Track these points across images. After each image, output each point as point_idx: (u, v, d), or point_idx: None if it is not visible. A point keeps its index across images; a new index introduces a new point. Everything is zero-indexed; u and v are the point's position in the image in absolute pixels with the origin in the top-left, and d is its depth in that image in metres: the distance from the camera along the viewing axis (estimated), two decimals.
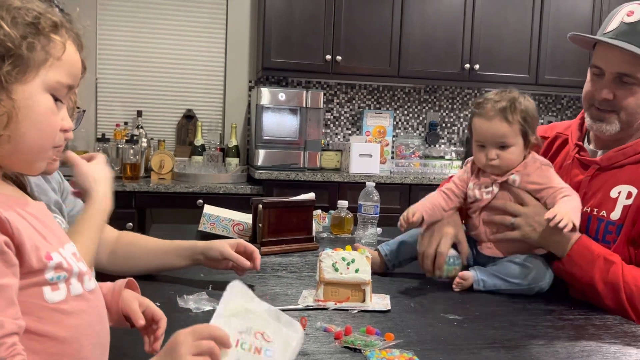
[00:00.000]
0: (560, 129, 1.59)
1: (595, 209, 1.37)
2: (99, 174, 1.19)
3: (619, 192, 1.34)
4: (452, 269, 1.42)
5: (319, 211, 2.22)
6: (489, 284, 1.38)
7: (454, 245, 1.44)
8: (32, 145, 0.74)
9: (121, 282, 0.93)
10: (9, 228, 0.68)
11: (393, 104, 4.04)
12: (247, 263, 1.32)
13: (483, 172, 1.48)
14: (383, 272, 1.52)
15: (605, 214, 1.35)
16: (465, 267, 1.44)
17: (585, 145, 1.49)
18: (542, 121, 4.20)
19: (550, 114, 4.20)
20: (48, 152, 0.76)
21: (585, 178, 1.42)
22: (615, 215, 1.33)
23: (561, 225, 1.26)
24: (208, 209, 1.93)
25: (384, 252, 1.54)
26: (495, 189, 1.44)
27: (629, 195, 1.32)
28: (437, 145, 4.05)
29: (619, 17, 1.33)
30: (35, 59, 0.72)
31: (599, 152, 1.45)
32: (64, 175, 1.37)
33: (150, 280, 1.37)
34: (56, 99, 0.75)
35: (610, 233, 1.33)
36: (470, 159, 1.53)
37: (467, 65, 3.68)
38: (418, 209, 1.46)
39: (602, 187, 1.38)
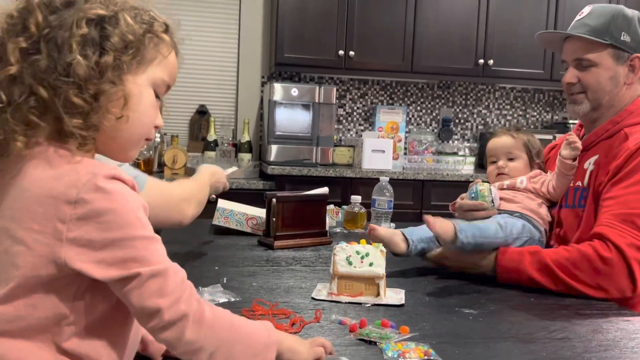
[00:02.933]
0: (573, 131, 1.75)
1: (575, 182, 1.55)
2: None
3: (589, 162, 1.52)
4: (479, 187, 1.56)
5: (332, 206, 2.21)
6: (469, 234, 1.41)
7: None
8: (134, 133, 0.81)
9: None
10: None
11: (406, 99, 4.02)
12: None
13: None
14: (403, 253, 1.49)
15: (580, 184, 1.53)
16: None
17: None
18: (556, 117, 4.17)
19: (564, 110, 4.16)
20: (141, 143, 0.83)
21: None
22: (585, 182, 1.51)
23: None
24: (222, 203, 1.93)
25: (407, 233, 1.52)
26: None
27: (594, 163, 1.51)
28: (450, 142, 4.03)
29: (573, 21, 1.58)
30: (148, 54, 0.81)
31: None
32: None
33: None
34: (156, 96, 0.83)
35: (584, 198, 1.50)
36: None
37: (481, 61, 3.65)
38: None
39: (580, 166, 1.55)
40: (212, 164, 1.75)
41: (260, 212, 1.97)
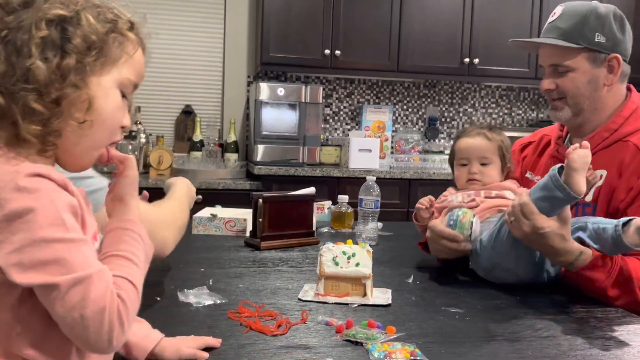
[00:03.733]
0: (546, 132, 1.73)
1: None
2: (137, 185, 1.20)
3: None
4: (460, 214, 1.40)
5: (325, 202, 2.22)
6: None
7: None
8: (99, 136, 0.77)
9: None
10: (75, 195, 0.72)
11: (392, 98, 4.03)
12: None
13: None
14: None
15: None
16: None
17: (566, 143, 1.59)
18: (541, 115, 4.20)
19: (549, 108, 4.19)
20: (103, 149, 0.80)
21: None
22: (588, 197, 1.43)
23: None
24: (199, 213, 1.95)
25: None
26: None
27: (600, 177, 1.41)
28: (436, 140, 4.04)
29: (546, 23, 1.53)
30: (113, 54, 0.77)
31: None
32: None
33: (148, 274, 1.36)
34: (122, 96, 0.79)
35: (587, 214, 1.43)
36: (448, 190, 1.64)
37: (467, 60, 3.67)
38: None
39: None
40: (183, 177, 1.52)
41: (239, 214, 1.97)
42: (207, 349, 0.94)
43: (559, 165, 1.24)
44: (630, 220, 1.17)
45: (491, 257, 1.38)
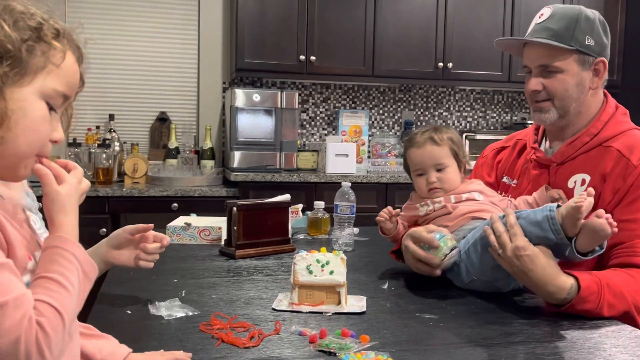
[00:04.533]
0: (520, 136, 1.71)
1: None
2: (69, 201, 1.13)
3: (575, 182, 1.45)
4: (443, 247, 1.35)
5: (298, 205, 2.20)
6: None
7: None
8: (19, 150, 0.72)
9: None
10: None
11: (368, 103, 4.04)
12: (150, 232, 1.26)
13: None
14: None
15: None
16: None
17: (544, 146, 1.58)
18: (515, 118, 4.25)
19: (523, 110, 4.25)
20: (30, 160, 0.75)
21: (544, 176, 1.51)
22: None
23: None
24: (173, 222, 1.93)
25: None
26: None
27: (583, 182, 1.43)
28: (404, 139, 4.05)
29: (533, 22, 1.51)
30: (33, 63, 0.72)
31: (554, 149, 1.54)
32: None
33: (120, 286, 1.34)
34: (50, 108, 0.75)
35: None
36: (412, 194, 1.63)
37: (441, 64, 3.69)
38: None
39: (560, 181, 1.47)
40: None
41: (214, 222, 1.95)
42: None
43: (556, 204, 1.23)
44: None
45: (469, 272, 1.37)
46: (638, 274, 1.27)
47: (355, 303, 1.26)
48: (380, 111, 4.07)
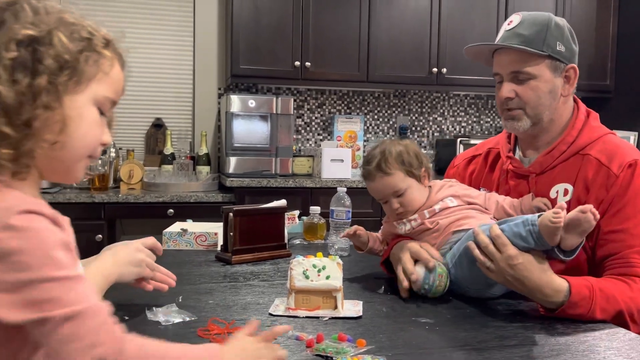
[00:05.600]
0: (491, 144, 1.67)
1: None
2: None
3: (557, 192, 1.43)
4: (435, 285, 1.33)
5: (295, 212, 2.21)
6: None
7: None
8: (76, 154, 0.77)
9: None
10: (65, 230, 0.73)
11: (363, 108, 4.05)
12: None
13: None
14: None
15: None
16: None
17: (517, 155, 1.56)
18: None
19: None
20: (84, 162, 0.80)
21: (523, 186, 1.49)
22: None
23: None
24: (170, 228, 1.94)
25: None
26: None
27: (566, 192, 1.42)
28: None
29: (502, 29, 1.49)
30: (87, 72, 0.77)
31: (529, 158, 1.52)
32: None
33: (116, 291, 1.34)
34: (101, 113, 0.80)
35: None
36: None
37: (435, 69, 3.72)
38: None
39: (541, 192, 1.45)
40: (115, 244, 1.29)
41: (210, 228, 1.95)
42: None
43: (537, 215, 1.21)
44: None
45: (461, 285, 1.37)
46: (633, 282, 1.27)
47: (352, 308, 1.26)
48: (375, 116, 4.08)
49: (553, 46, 1.42)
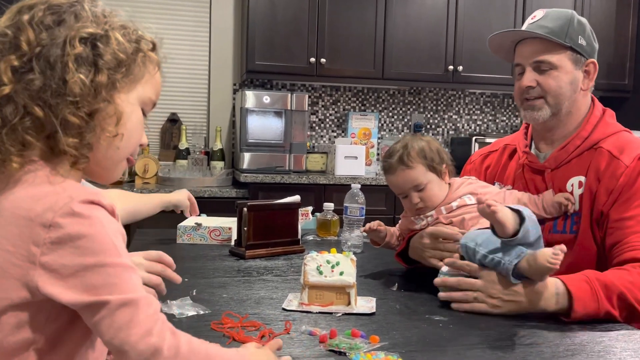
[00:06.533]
0: (508, 141, 1.70)
1: None
2: None
3: (572, 185, 1.45)
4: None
5: (308, 208, 2.21)
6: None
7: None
8: (123, 151, 0.81)
9: None
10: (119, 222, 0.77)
11: (378, 105, 4.04)
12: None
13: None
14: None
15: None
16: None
17: (533, 151, 1.57)
18: None
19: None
20: (124, 162, 0.83)
21: (539, 181, 1.51)
22: (575, 206, 1.44)
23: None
24: (184, 222, 1.95)
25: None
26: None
27: (580, 184, 1.44)
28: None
29: (526, 23, 1.52)
30: (137, 72, 0.81)
31: (545, 154, 1.53)
32: None
33: None
34: (143, 113, 0.84)
35: (575, 224, 1.43)
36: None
37: (451, 67, 3.69)
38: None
39: (557, 186, 1.48)
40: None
41: (223, 222, 1.96)
42: None
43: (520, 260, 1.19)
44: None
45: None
46: (633, 268, 1.27)
47: (365, 304, 1.26)
48: (390, 114, 4.07)
49: (575, 39, 1.46)
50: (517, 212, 1.22)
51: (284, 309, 1.22)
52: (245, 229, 1.74)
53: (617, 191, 1.38)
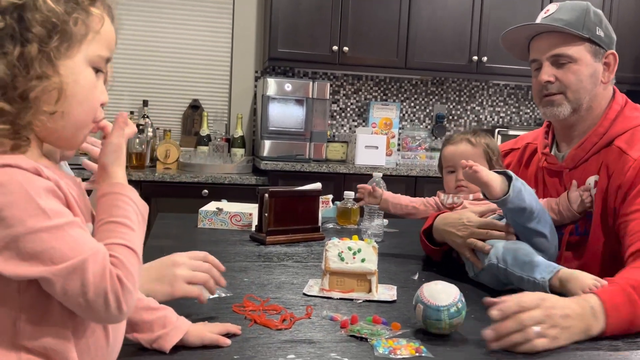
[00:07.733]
0: (530, 139, 1.65)
1: None
2: (123, 152, 0.97)
3: (589, 184, 1.41)
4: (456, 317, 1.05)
5: (329, 196, 2.21)
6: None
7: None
8: (77, 120, 0.75)
9: None
10: (50, 179, 0.70)
11: (400, 95, 4.01)
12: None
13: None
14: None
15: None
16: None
17: (553, 151, 1.52)
18: None
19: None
20: (89, 127, 0.78)
21: (556, 182, 1.48)
22: (591, 209, 1.40)
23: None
24: (205, 207, 1.96)
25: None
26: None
27: (595, 184, 1.40)
28: (443, 138, 4.03)
29: (539, 17, 1.48)
30: (77, 33, 0.73)
31: (563, 153, 1.49)
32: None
33: None
34: (96, 72, 0.77)
35: (587, 224, 1.40)
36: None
37: (475, 57, 3.65)
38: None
39: (577, 183, 1.43)
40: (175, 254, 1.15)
41: (244, 208, 1.97)
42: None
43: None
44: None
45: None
46: None
47: (386, 292, 1.26)
48: (412, 104, 4.04)
49: (593, 30, 1.40)
50: (504, 174, 1.29)
51: (304, 294, 1.23)
52: (266, 214, 1.74)
53: (626, 186, 1.32)
